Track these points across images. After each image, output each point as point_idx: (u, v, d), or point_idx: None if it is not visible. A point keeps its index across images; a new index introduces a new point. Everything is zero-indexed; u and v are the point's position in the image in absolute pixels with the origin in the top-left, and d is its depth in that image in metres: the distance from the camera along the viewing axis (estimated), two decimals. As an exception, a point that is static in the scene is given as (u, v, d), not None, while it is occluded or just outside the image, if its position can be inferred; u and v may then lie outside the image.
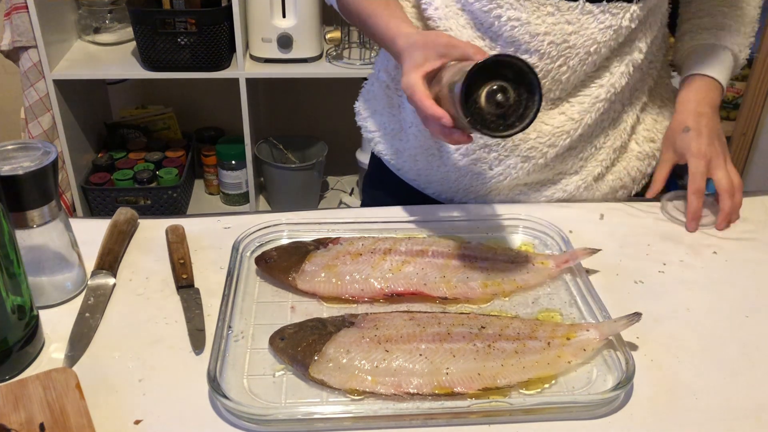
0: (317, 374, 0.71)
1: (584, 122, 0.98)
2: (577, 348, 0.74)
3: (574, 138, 1.00)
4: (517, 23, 0.92)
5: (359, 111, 1.16)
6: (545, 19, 0.92)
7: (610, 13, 0.91)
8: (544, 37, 0.92)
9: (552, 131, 0.99)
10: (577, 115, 0.98)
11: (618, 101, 1.01)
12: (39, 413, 0.66)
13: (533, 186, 1.05)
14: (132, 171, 2.22)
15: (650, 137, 1.08)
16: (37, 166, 0.76)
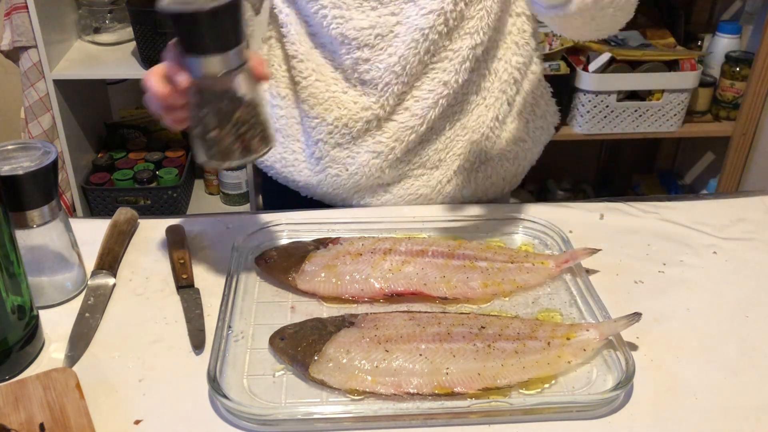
0: (317, 374, 0.71)
1: (429, 117, 0.99)
2: (577, 348, 0.74)
3: (421, 133, 1.00)
4: (342, 20, 0.94)
5: None
6: (369, 13, 0.94)
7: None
8: (371, 30, 0.94)
9: (397, 127, 0.99)
10: (420, 111, 0.98)
11: (468, 94, 1.01)
12: (39, 413, 0.66)
13: (396, 184, 1.05)
14: (132, 171, 2.21)
15: (520, 137, 1.06)
16: (37, 166, 0.76)
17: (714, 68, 2.07)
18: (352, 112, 0.99)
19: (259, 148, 0.75)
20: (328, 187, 1.05)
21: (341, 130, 1.00)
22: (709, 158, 2.29)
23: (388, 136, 1.00)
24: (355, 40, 0.95)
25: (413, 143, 1.01)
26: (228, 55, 0.70)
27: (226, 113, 0.73)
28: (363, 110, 0.99)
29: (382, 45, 0.95)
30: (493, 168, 1.06)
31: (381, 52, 0.95)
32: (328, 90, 1.00)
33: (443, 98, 0.98)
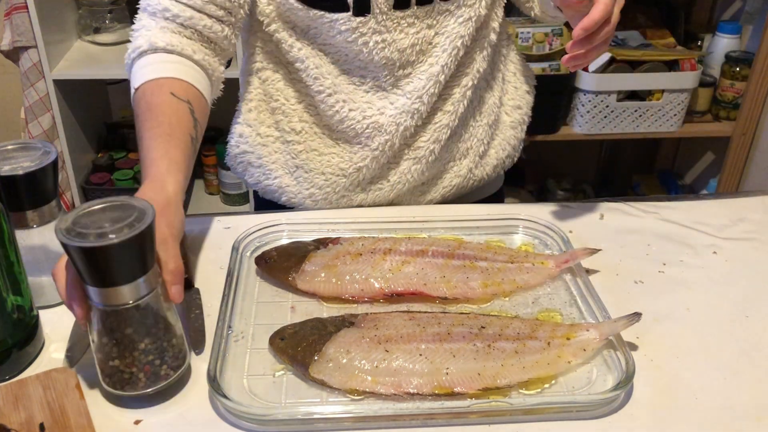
0: (317, 374, 0.71)
1: (458, 112, 1.01)
2: (577, 348, 0.74)
3: (454, 128, 1.02)
4: (384, 44, 0.94)
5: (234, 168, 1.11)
6: (407, 30, 0.94)
7: (467, 5, 0.94)
8: (412, 48, 0.95)
9: (434, 128, 1.01)
10: (451, 107, 1.00)
11: (483, 81, 1.04)
12: (39, 413, 0.66)
13: (430, 183, 1.07)
14: (132, 171, 2.21)
15: (516, 105, 1.11)
16: (37, 166, 0.76)
17: (714, 68, 2.07)
18: (398, 132, 0.99)
19: (168, 375, 0.70)
20: (370, 203, 1.06)
21: (386, 154, 1.00)
22: (709, 158, 2.29)
23: (426, 139, 1.01)
24: (399, 61, 0.96)
25: (445, 139, 1.02)
26: (136, 284, 0.66)
27: (130, 343, 0.67)
28: (405, 130, 0.99)
29: (422, 59, 0.97)
30: (506, 140, 1.10)
31: (422, 64, 0.97)
32: (365, 117, 0.98)
33: (469, 89, 1.00)
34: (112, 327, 0.67)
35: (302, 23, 0.95)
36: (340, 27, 0.92)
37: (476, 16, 0.94)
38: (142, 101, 0.89)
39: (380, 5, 0.91)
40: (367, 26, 0.92)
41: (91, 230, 0.64)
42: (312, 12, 0.92)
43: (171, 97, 0.87)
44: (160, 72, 0.90)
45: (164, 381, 0.70)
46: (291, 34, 0.97)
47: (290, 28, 0.97)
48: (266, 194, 1.09)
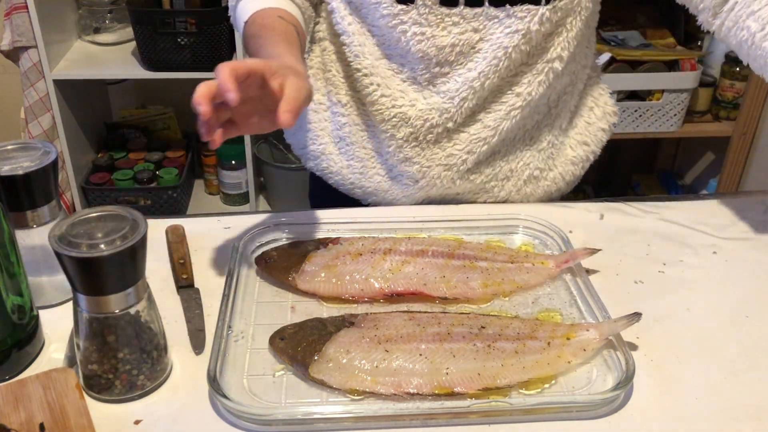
0: (317, 374, 0.71)
1: (501, 129, 0.98)
2: (577, 348, 0.74)
3: (493, 144, 1.00)
4: (423, 37, 0.92)
5: (288, 139, 1.15)
6: (451, 29, 0.92)
7: (516, 17, 0.90)
8: (452, 48, 0.93)
9: (469, 138, 0.99)
10: (492, 122, 0.98)
11: (541, 105, 1.00)
12: (39, 413, 0.66)
13: (466, 195, 1.05)
14: (132, 171, 2.21)
15: (583, 140, 1.07)
16: (37, 166, 0.76)
17: (714, 68, 2.08)
18: (422, 125, 0.98)
19: (144, 385, 0.70)
20: (398, 194, 1.05)
21: (411, 143, 0.99)
22: (709, 158, 2.29)
23: (460, 148, 0.99)
24: (436, 57, 0.94)
25: (485, 155, 1.01)
26: (123, 295, 0.67)
27: (110, 350, 0.68)
28: (433, 127, 0.98)
29: (463, 61, 0.94)
30: (559, 174, 1.07)
31: (461, 67, 0.95)
32: (394, 105, 0.98)
33: (516, 110, 0.97)
34: (95, 333, 0.68)
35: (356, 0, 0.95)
36: (383, 11, 0.92)
37: (524, 29, 0.90)
38: (254, 25, 0.92)
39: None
40: (408, 15, 0.91)
41: (83, 240, 0.65)
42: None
43: (280, 20, 0.91)
44: (266, 3, 0.93)
45: (140, 390, 0.71)
46: (345, 7, 0.97)
47: (346, 1, 0.97)
48: (308, 159, 1.11)
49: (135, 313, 0.69)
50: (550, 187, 1.07)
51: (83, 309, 0.67)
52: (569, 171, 1.08)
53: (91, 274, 0.65)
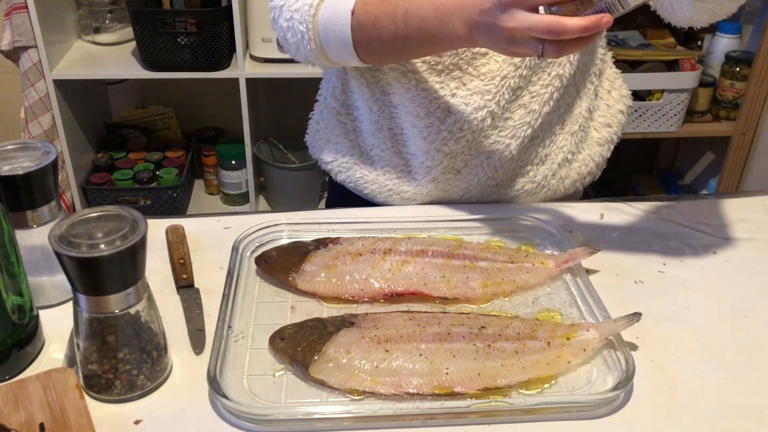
0: (317, 374, 0.71)
1: (543, 112, 0.99)
2: (577, 348, 0.74)
3: (536, 128, 1.00)
4: None
5: (311, 143, 1.13)
6: None
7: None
8: None
9: (513, 124, 0.99)
10: (536, 106, 0.98)
11: (571, 86, 1.01)
12: (39, 413, 0.66)
13: (503, 183, 1.05)
14: (132, 171, 2.21)
15: (606, 122, 1.08)
16: (37, 166, 0.76)
17: (714, 68, 2.07)
18: (466, 113, 0.97)
19: (144, 385, 0.71)
20: (439, 191, 1.04)
21: (456, 134, 0.98)
22: (709, 158, 2.29)
23: (505, 134, 0.99)
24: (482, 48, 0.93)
25: (528, 139, 1.01)
26: (123, 295, 0.67)
27: (110, 351, 0.68)
28: (477, 110, 0.97)
29: None
30: (588, 155, 1.07)
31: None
32: (436, 97, 0.97)
33: (557, 91, 0.98)
34: (95, 333, 0.68)
35: None
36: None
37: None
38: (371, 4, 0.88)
39: None
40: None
41: (83, 240, 0.65)
42: None
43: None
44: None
45: (140, 390, 0.71)
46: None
47: None
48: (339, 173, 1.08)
49: (135, 313, 0.69)
50: (582, 170, 1.07)
51: (83, 309, 0.67)
52: (597, 152, 1.08)
53: (91, 274, 0.65)
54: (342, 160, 1.08)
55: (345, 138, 1.08)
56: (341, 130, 1.08)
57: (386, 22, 0.87)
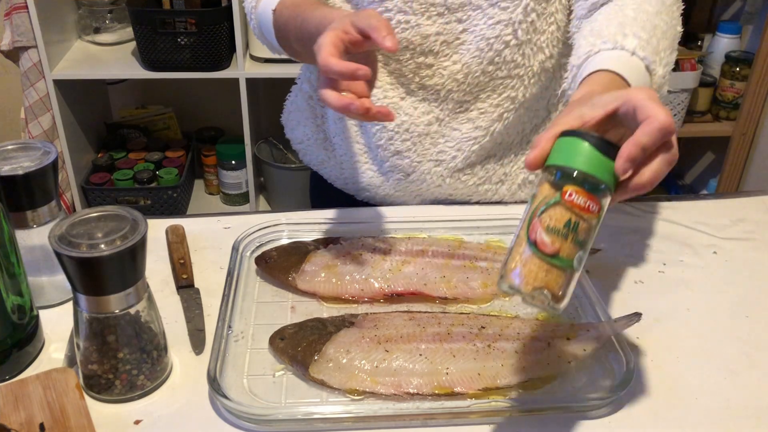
0: (317, 374, 0.71)
1: (493, 130, 0.98)
2: (577, 348, 0.74)
3: (485, 145, 0.99)
4: (407, 25, 0.92)
5: (285, 123, 1.16)
6: (435, 19, 0.92)
7: (499, 7, 0.89)
8: (437, 37, 0.93)
9: (460, 137, 0.98)
10: (484, 123, 0.97)
11: (540, 109, 1.00)
12: (39, 413, 0.66)
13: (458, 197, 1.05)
14: (132, 171, 2.21)
15: None
16: (37, 166, 0.76)
17: (714, 68, 2.08)
18: (412, 117, 0.98)
19: (144, 385, 0.71)
20: (391, 189, 1.05)
21: (402, 135, 0.99)
22: (709, 158, 2.29)
23: (451, 145, 0.99)
24: (420, 46, 0.93)
25: (476, 155, 1.00)
26: (123, 295, 0.67)
27: (110, 351, 0.68)
28: (423, 114, 0.98)
29: (447, 52, 0.94)
30: None
31: (445, 59, 0.94)
32: (385, 97, 0.98)
33: (509, 113, 0.97)
34: (96, 333, 0.68)
35: None
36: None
37: (507, 20, 0.89)
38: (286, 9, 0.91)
39: None
40: (392, 3, 0.91)
41: (83, 240, 0.65)
42: None
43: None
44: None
45: (140, 390, 0.71)
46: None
47: None
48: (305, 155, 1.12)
49: (135, 313, 0.69)
50: None
51: (83, 309, 0.67)
52: None
53: (91, 274, 0.65)
54: (308, 143, 1.11)
55: (313, 122, 1.10)
56: (310, 114, 1.10)
57: (291, 29, 0.90)
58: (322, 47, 0.73)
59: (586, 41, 0.79)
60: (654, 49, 0.76)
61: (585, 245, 0.58)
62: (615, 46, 0.75)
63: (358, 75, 0.71)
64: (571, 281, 0.58)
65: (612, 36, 0.76)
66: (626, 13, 0.80)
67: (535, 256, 0.57)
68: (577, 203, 0.58)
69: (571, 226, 0.57)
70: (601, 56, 0.75)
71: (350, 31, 0.74)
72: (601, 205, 0.59)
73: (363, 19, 0.74)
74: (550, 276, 0.57)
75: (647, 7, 0.81)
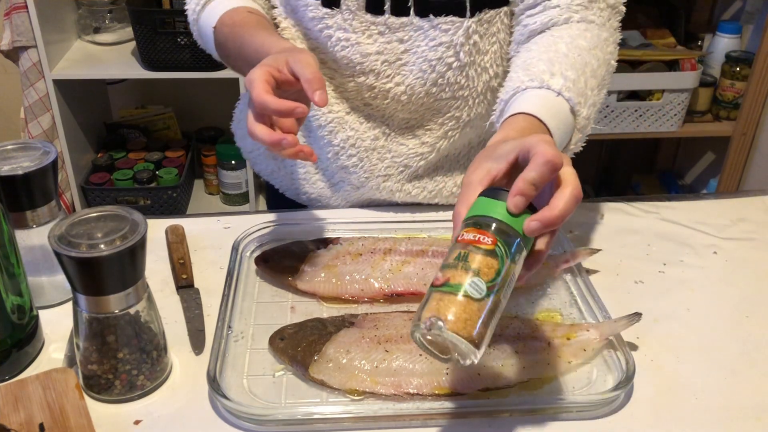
0: (317, 374, 0.71)
1: (439, 147, 0.97)
2: (577, 348, 0.74)
3: (431, 161, 0.99)
4: (347, 43, 0.91)
5: (235, 131, 1.15)
6: (376, 38, 0.91)
7: (440, 29, 0.88)
8: (377, 56, 0.91)
9: (406, 152, 0.98)
10: (430, 140, 0.97)
11: (482, 125, 0.98)
12: (39, 413, 0.66)
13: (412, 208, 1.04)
14: (132, 171, 2.21)
15: None
16: (37, 166, 0.76)
17: (714, 68, 2.07)
18: (358, 132, 0.97)
19: (144, 385, 0.71)
20: (342, 200, 1.04)
21: (348, 150, 0.98)
22: (709, 158, 2.29)
23: (398, 161, 0.99)
24: (360, 65, 0.92)
25: (423, 169, 1.00)
26: (123, 295, 0.67)
27: (109, 351, 0.68)
28: (370, 129, 0.97)
29: (389, 72, 0.92)
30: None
31: (387, 80, 0.93)
32: (330, 111, 0.97)
33: (454, 131, 0.97)
34: (95, 333, 0.68)
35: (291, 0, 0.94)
36: (309, 13, 0.91)
37: (449, 42, 0.88)
38: (225, 27, 0.90)
39: (349, 4, 0.89)
40: (333, 20, 0.90)
41: (83, 240, 0.65)
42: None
43: (250, 14, 0.90)
44: (232, 4, 0.91)
45: (139, 390, 0.71)
46: (281, 11, 0.97)
47: (283, 4, 0.96)
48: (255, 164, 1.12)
49: (135, 313, 0.69)
50: None
51: (83, 309, 0.67)
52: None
53: (91, 274, 0.65)
54: (257, 152, 1.10)
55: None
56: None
57: (231, 48, 0.90)
58: (254, 83, 0.72)
59: (516, 75, 0.80)
60: (580, 90, 0.77)
61: (479, 273, 0.58)
62: (541, 85, 0.76)
63: (296, 113, 0.71)
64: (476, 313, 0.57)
65: (539, 74, 0.77)
66: (558, 48, 0.80)
67: (430, 293, 0.59)
68: (466, 239, 0.60)
69: (461, 257, 0.59)
70: (526, 95, 0.76)
71: (283, 70, 0.74)
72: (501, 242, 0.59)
73: (298, 65, 0.73)
74: (441, 304, 0.57)
75: (581, 42, 0.82)
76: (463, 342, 0.57)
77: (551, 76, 0.76)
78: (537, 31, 0.87)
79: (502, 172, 0.63)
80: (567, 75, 0.77)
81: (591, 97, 0.79)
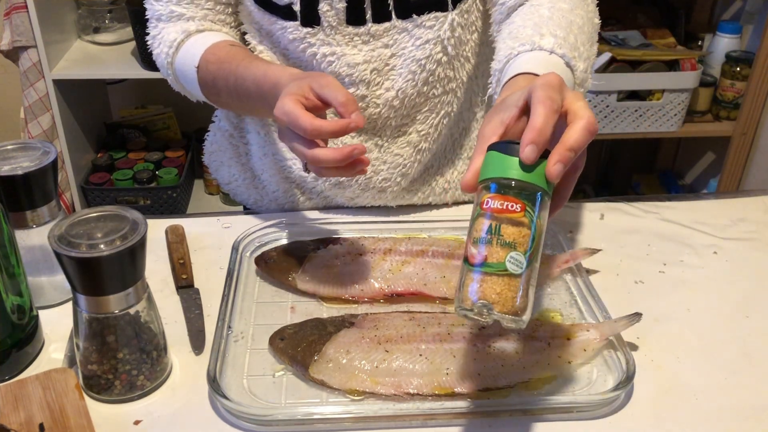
0: (317, 374, 0.71)
1: (433, 149, 0.98)
2: (577, 348, 0.74)
3: (426, 162, 0.99)
4: (333, 57, 0.90)
5: (208, 164, 1.13)
6: (361, 47, 0.90)
7: (425, 27, 0.88)
8: (365, 65, 0.91)
9: (403, 162, 0.98)
10: (426, 144, 0.97)
11: (464, 113, 0.99)
12: (38, 413, 0.66)
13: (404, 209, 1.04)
14: (132, 171, 2.21)
15: None
16: (36, 166, 0.76)
17: (714, 68, 2.07)
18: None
19: (144, 385, 0.71)
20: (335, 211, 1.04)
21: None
22: (709, 158, 2.29)
23: (395, 171, 0.98)
24: (349, 77, 0.91)
25: (418, 173, 1.00)
26: (123, 295, 0.67)
27: (109, 351, 0.68)
28: (362, 142, 0.96)
29: (379, 80, 0.92)
30: None
31: (378, 87, 0.92)
32: None
33: (446, 128, 0.97)
34: (95, 333, 0.68)
35: (265, 26, 0.93)
36: (290, 35, 0.90)
37: (435, 38, 0.88)
38: (211, 64, 0.89)
39: (329, 19, 0.88)
40: (315, 37, 0.89)
41: (83, 240, 0.65)
42: (267, 16, 0.91)
43: (233, 47, 0.90)
44: (210, 41, 0.91)
45: (139, 390, 0.71)
46: (254, 36, 0.96)
47: (256, 30, 0.96)
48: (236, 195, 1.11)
49: (135, 313, 0.69)
50: None
51: (83, 309, 0.67)
52: None
53: (91, 274, 0.65)
54: (236, 183, 1.09)
55: (237, 161, 1.08)
56: (233, 153, 1.08)
57: (222, 86, 0.89)
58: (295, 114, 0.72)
59: (505, 45, 0.80)
60: (572, 45, 0.77)
61: (516, 246, 0.57)
62: (533, 48, 0.76)
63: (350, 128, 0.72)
64: (518, 287, 0.57)
65: (529, 38, 0.77)
66: (541, 13, 0.81)
67: (470, 272, 0.58)
68: (493, 207, 0.58)
69: (493, 230, 0.58)
70: (520, 59, 0.76)
71: (310, 96, 0.74)
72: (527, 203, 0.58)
73: (326, 89, 0.73)
74: (485, 286, 0.57)
75: (562, 5, 0.82)
76: (511, 318, 0.57)
77: (541, 37, 0.76)
78: (514, 6, 0.87)
79: (513, 119, 0.62)
80: (556, 33, 0.77)
81: (584, 52, 0.79)
